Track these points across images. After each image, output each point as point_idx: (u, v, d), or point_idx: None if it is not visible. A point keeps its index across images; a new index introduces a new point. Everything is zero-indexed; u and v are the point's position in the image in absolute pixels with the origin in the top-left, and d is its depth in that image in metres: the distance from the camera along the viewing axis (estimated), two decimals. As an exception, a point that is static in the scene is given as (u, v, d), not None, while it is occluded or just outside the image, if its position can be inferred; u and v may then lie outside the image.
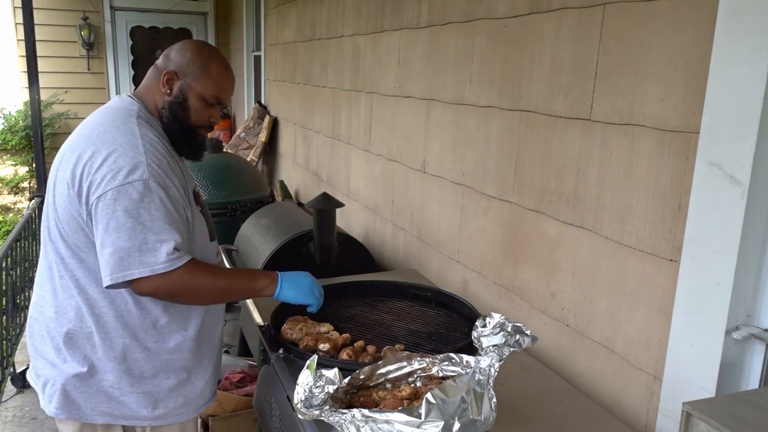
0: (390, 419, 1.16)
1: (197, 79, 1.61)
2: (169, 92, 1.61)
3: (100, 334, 1.54)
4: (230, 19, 7.97)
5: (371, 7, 3.41)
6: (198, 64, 1.62)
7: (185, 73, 1.61)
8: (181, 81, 1.61)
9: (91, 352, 1.55)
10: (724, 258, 1.41)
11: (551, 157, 2.00)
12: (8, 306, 3.56)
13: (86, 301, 1.54)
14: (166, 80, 1.61)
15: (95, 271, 1.51)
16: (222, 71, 1.65)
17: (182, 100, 1.61)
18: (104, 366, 1.55)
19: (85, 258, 1.52)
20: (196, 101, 1.62)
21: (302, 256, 2.75)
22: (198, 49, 1.65)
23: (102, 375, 1.56)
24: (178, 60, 1.63)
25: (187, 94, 1.61)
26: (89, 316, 1.54)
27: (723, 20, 1.40)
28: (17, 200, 7.94)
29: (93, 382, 1.56)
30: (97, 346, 1.55)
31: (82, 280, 1.53)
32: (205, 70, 1.62)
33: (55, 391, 1.56)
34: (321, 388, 1.23)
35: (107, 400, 1.57)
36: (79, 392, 1.56)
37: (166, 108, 1.62)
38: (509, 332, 1.35)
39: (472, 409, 1.21)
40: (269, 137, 5.80)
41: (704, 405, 1.09)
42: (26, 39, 4.45)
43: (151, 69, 1.68)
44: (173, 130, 1.63)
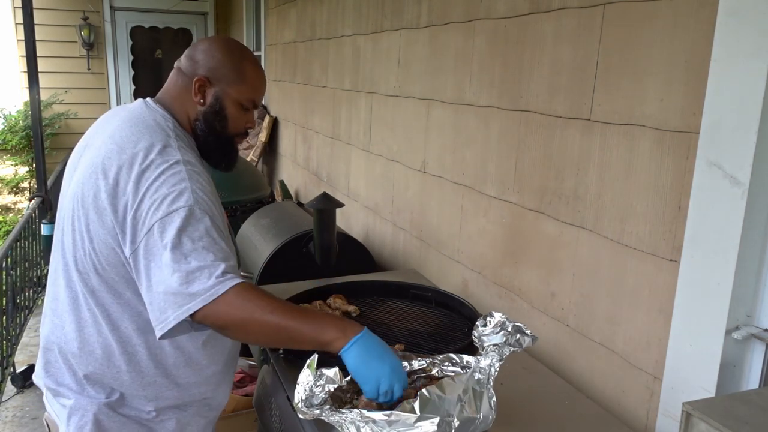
0: (390, 420, 1.16)
1: (231, 83, 1.46)
2: (202, 101, 1.46)
3: (131, 373, 1.43)
4: (230, 19, 7.97)
5: (371, 7, 3.41)
6: (230, 67, 1.47)
7: (218, 77, 1.46)
8: (214, 87, 1.46)
9: (118, 386, 1.45)
10: (724, 258, 1.41)
11: (551, 157, 2.00)
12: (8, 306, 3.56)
13: (118, 339, 1.41)
14: (198, 87, 1.46)
15: (131, 307, 1.39)
16: (256, 71, 1.51)
17: (219, 108, 1.47)
18: (133, 397, 1.46)
19: (123, 292, 1.39)
20: (233, 108, 1.48)
21: (302, 256, 2.75)
22: (228, 49, 1.49)
23: (133, 404, 1.46)
24: (207, 63, 1.47)
25: (223, 102, 1.46)
26: (120, 355, 1.42)
27: (723, 20, 1.40)
28: (17, 200, 7.95)
29: (125, 410, 1.46)
30: (126, 384, 1.44)
31: (115, 315, 1.40)
32: (239, 73, 1.47)
33: (86, 422, 1.43)
34: (321, 387, 1.23)
35: (138, 428, 1.48)
36: (112, 422, 1.44)
37: (200, 119, 1.47)
38: (510, 332, 1.35)
39: (470, 407, 1.21)
40: (269, 137, 5.80)
41: (704, 405, 1.09)
42: (26, 39, 4.45)
43: (174, 74, 1.52)
44: (209, 142, 1.49)
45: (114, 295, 1.39)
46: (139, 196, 1.31)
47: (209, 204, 1.35)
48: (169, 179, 1.32)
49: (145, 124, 1.42)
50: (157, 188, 1.31)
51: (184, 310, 1.24)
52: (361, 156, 3.63)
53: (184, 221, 1.28)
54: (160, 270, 1.27)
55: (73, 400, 1.45)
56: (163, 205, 1.29)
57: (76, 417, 1.44)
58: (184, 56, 1.51)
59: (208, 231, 1.30)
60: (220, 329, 1.32)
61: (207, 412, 1.59)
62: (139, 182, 1.32)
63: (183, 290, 1.25)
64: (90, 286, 1.40)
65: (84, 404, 1.44)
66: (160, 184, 1.31)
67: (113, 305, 1.40)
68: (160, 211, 1.29)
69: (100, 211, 1.35)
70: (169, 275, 1.26)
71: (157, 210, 1.29)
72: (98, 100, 7.79)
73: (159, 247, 1.27)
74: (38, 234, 4.50)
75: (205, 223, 1.31)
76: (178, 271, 1.25)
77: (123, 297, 1.39)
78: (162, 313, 1.26)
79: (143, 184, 1.32)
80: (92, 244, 1.37)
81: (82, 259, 1.40)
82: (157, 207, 1.29)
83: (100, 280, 1.39)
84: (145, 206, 1.30)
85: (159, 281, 1.27)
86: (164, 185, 1.31)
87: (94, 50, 7.71)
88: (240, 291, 1.27)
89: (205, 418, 1.60)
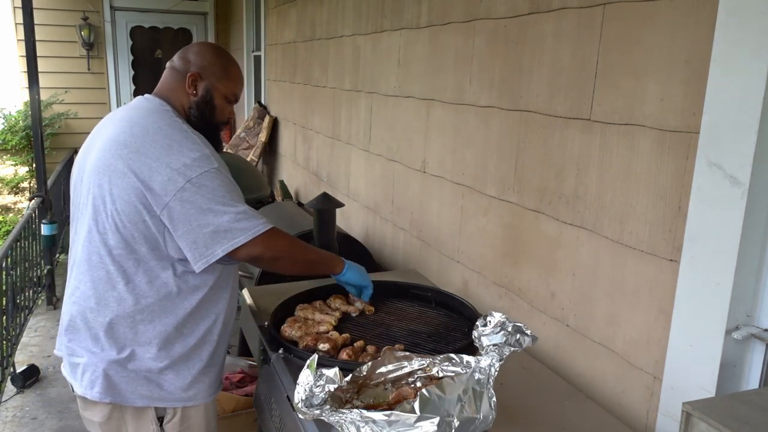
0: (390, 420, 1.16)
1: (220, 79, 1.74)
2: (195, 93, 1.72)
3: (144, 322, 1.60)
4: (230, 19, 7.97)
5: (371, 7, 3.41)
6: (219, 66, 1.74)
7: (208, 74, 1.72)
8: (205, 82, 1.72)
9: (132, 339, 1.60)
10: (724, 258, 1.41)
11: (551, 157, 2.00)
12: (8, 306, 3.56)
13: (132, 291, 1.59)
14: (191, 81, 1.71)
15: (144, 262, 1.58)
16: (238, 71, 1.82)
17: (209, 99, 1.73)
18: (144, 352, 1.61)
19: (138, 249, 1.57)
20: (220, 100, 1.75)
21: (302, 256, 2.74)
22: (216, 52, 1.78)
23: (141, 360, 1.61)
24: (199, 62, 1.73)
25: (212, 93, 1.73)
26: (134, 305, 1.59)
27: (723, 20, 1.40)
28: (17, 200, 7.95)
29: (133, 366, 1.61)
30: (139, 332, 1.60)
31: (130, 270, 1.59)
32: (226, 71, 1.76)
33: (97, 377, 1.60)
34: (321, 387, 1.23)
35: (146, 383, 1.62)
36: (120, 376, 1.61)
37: (193, 108, 1.73)
38: (509, 332, 1.35)
39: (470, 407, 1.21)
40: (269, 137, 5.80)
41: (704, 405, 1.09)
42: (26, 39, 4.45)
43: (168, 72, 1.76)
44: (201, 128, 1.72)
45: (130, 252, 1.58)
46: (165, 159, 1.53)
47: (223, 164, 1.63)
48: (192, 145, 1.57)
49: (149, 110, 1.67)
50: (182, 152, 1.55)
51: (234, 242, 1.54)
52: (361, 156, 3.63)
53: (217, 178, 1.55)
54: (204, 215, 1.52)
55: (85, 358, 1.62)
56: (194, 167, 1.53)
57: (89, 372, 1.61)
58: (177, 57, 1.77)
59: (234, 184, 1.61)
60: (270, 259, 1.65)
61: (209, 369, 1.72)
62: (162, 147, 1.55)
63: (234, 226, 1.54)
64: (108, 246, 1.58)
65: (95, 361, 1.61)
66: (186, 149, 1.56)
67: (129, 261, 1.58)
68: (193, 170, 1.53)
69: (123, 175, 1.54)
70: (217, 217, 1.53)
71: (187, 169, 1.52)
72: (98, 100, 7.79)
73: (200, 198, 1.52)
74: (38, 234, 4.49)
75: (229, 179, 1.61)
76: (227, 213, 1.54)
77: (138, 253, 1.58)
78: (208, 248, 1.54)
79: (166, 149, 1.55)
80: (115, 205, 1.56)
81: (103, 221, 1.58)
82: (186, 168, 1.52)
83: (120, 238, 1.57)
84: (175, 165, 1.52)
85: (206, 223, 1.53)
86: (189, 150, 1.56)
87: (94, 50, 7.70)
88: (275, 231, 1.64)
89: (208, 376, 1.72)
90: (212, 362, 1.72)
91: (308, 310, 1.95)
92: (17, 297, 3.77)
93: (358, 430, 1.17)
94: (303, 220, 3.08)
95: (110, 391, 1.61)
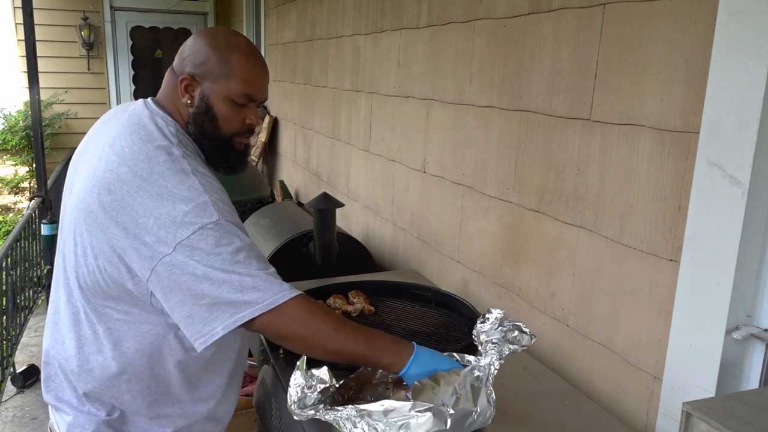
0: (385, 409, 1.16)
1: (217, 79, 1.34)
2: (190, 102, 1.36)
3: (132, 392, 1.38)
4: (230, 19, 7.97)
5: (371, 7, 3.41)
6: (215, 61, 1.33)
7: (203, 74, 1.34)
8: (201, 86, 1.35)
9: (119, 404, 1.39)
10: (724, 258, 1.41)
11: (551, 157, 2.00)
12: (8, 306, 3.56)
13: (119, 358, 1.34)
14: (184, 88, 1.35)
15: (137, 325, 1.33)
16: (248, 62, 1.36)
17: (206, 108, 1.35)
18: (134, 415, 1.41)
19: (130, 310, 1.32)
20: (223, 106, 1.35)
21: (302, 256, 2.74)
22: (213, 41, 1.35)
23: (134, 422, 1.41)
24: (192, 59, 1.35)
25: (210, 101, 1.35)
26: (120, 375, 1.36)
27: (723, 20, 1.40)
28: (17, 200, 7.95)
29: (125, 428, 1.41)
30: (126, 402, 1.39)
31: (117, 333, 1.34)
32: (226, 66, 1.34)
33: None
34: (313, 388, 1.23)
35: None
36: None
37: (191, 121, 1.37)
38: (508, 328, 1.34)
39: (466, 400, 1.21)
40: (269, 137, 5.80)
41: (704, 405, 1.09)
42: (26, 39, 4.45)
43: (167, 72, 1.42)
44: (204, 145, 1.39)
45: (120, 312, 1.33)
46: (154, 212, 1.22)
47: (232, 213, 1.28)
48: (185, 193, 1.24)
49: (146, 131, 1.32)
50: (173, 203, 1.22)
51: (237, 318, 1.22)
52: (361, 156, 3.62)
53: (214, 236, 1.22)
54: (199, 283, 1.21)
55: (72, 417, 1.40)
56: (187, 221, 1.21)
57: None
58: (177, 53, 1.41)
59: (242, 240, 1.25)
60: (279, 339, 1.32)
61: (213, 427, 1.54)
62: (150, 197, 1.23)
63: (237, 299, 1.21)
64: (93, 303, 1.34)
65: (83, 421, 1.38)
66: (178, 199, 1.23)
67: (118, 323, 1.34)
68: (185, 229, 1.21)
69: (105, 229, 1.26)
70: (214, 287, 1.20)
71: (180, 228, 1.21)
72: (98, 100, 7.79)
73: (193, 263, 1.21)
74: (38, 234, 4.50)
75: (236, 234, 1.25)
76: (227, 282, 1.21)
77: (131, 314, 1.33)
78: (206, 325, 1.22)
79: (155, 200, 1.23)
80: (96, 261, 1.29)
81: (84, 275, 1.32)
82: (180, 224, 1.21)
83: (105, 297, 1.32)
84: (164, 222, 1.21)
85: (201, 294, 1.21)
86: (181, 202, 1.23)
87: (94, 50, 7.70)
88: (302, 303, 1.26)
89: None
90: (218, 419, 1.54)
91: (308, 310, 1.94)
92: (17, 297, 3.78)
93: (354, 425, 1.17)
94: (303, 220, 3.08)
95: None
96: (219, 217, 1.23)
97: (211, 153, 1.41)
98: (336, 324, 1.30)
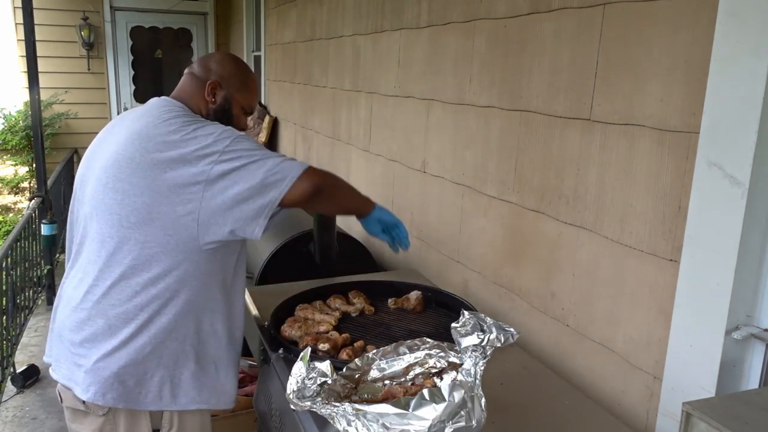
0: (382, 412, 1.16)
1: (239, 90, 1.76)
2: (213, 100, 1.73)
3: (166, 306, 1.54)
4: (230, 19, 7.97)
5: (371, 7, 3.41)
6: (239, 77, 1.77)
7: (228, 84, 1.74)
8: (224, 91, 1.74)
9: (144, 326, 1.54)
10: (724, 258, 1.41)
11: (551, 157, 2.00)
12: (8, 306, 3.56)
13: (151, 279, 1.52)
14: (210, 89, 1.72)
15: (169, 249, 1.51)
16: (255, 85, 1.85)
17: (228, 108, 1.75)
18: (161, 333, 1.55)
19: (168, 241, 1.50)
20: (238, 110, 1.77)
21: (302, 256, 2.74)
22: (237, 64, 1.81)
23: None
24: (220, 71, 1.75)
25: (231, 103, 1.75)
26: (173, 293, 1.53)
27: (723, 20, 1.40)
28: (17, 200, 7.95)
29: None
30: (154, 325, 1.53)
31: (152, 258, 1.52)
32: (245, 83, 1.78)
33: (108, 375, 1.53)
34: (313, 379, 1.25)
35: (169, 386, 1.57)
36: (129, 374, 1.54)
37: (211, 115, 1.72)
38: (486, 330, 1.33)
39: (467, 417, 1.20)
40: (269, 137, 5.80)
41: (704, 405, 1.09)
42: (26, 39, 4.45)
43: (187, 77, 1.76)
44: None
45: (158, 244, 1.51)
46: (192, 138, 1.50)
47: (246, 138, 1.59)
48: (211, 127, 1.56)
49: (166, 108, 1.63)
50: (206, 132, 1.52)
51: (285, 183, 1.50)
52: (361, 156, 3.63)
53: (245, 140, 1.54)
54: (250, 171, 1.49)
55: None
56: (221, 140, 1.51)
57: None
58: (198, 64, 1.77)
59: (261, 146, 1.58)
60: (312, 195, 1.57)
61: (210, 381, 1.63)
62: (187, 131, 1.52)
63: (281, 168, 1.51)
64: (135, 237, 1.51)
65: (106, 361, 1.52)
66: (209, 126, 1.55)
67: (155, 250, 1.51)
68: (220, 144, 1.50)
69: (153, 165, 1.49)
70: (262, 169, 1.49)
71: (216, 143, 1.50)
72: (98, 100, 7.78)
73: (238, 163, 1.49)
74: (38, 234, 4.49)
75: (255, 142, 1.59)
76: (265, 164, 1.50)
77: (168, 245, 1.51)
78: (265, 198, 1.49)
79: (190, 132, 1.52)
80: (143, 197, 1.49)
81: (128, 214, 1.50)
82: (214, 141, 1.50)
83: (149, 226, 1.50)
84: (203, 142, 1.50)
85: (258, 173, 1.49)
86: (209, 126, 1.55)
87: (94, 50, 7.70)
88: (314, 168, 1.60)
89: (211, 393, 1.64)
90: (217, 372, 1.65)
91: (308, 310, 1.95)
92: (17, 297, 3.78)
93: (349, 423, 1.17)
94: (303, 220, 3.08)
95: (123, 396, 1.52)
96: (240, 135, 1.56)
97: None
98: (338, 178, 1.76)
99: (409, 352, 1.45)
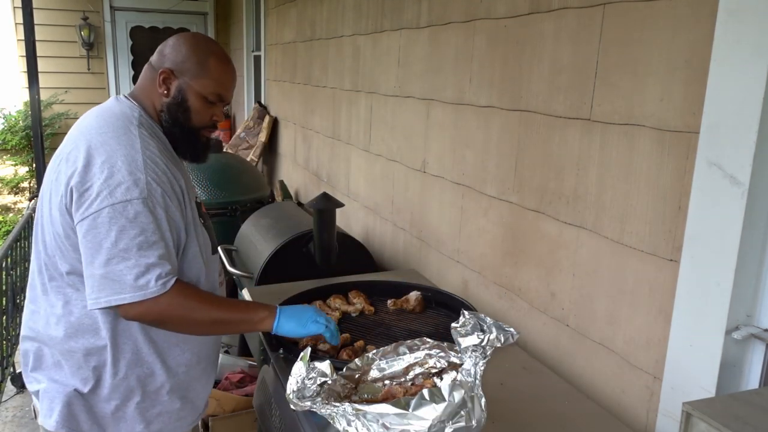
0: (382, 412, 1.15)
1: (195, 77, 1.50)
2: (166, 93, 1.51)
3: (111, 348, 1.48)
4: (230, 19, 7.97)
5: (371, 7, 3.41)
6: (195, 61, 1.50)
7: (182, 70, 1.50)
8: (178, 80, 1.51)
9: (97, 366, 1.50)
10: (724, 258, 1.41)
11: (551, 157, 2.00)
12: (8, 306, 3.56)
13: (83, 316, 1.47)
14: (162, 80, 1.51)
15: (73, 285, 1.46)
16: (221, 66, 1.54)
17: (181, 100, 1.51)
18: (109, 382, 1.51)
19: (79, 268, 1.44)
20: (196, 101, 1.52)
21: (302, 256, 2.74)
22: (194, 44, 1.53)
23: (104, 393, 1.51)
24: (173, 57, 1.51)
25: (186, 94, 1.51)
26: (96, 327, 1.47)
27: (723, 20, 1.40)
28: (17, 200, 7.95)
29: (95, 399, 1.52)
30: (103, 363, 1.49)
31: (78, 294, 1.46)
32: (203, 67, 1.51)
33: (57, 405, 1.50)
34: (313, 379, 1.25)
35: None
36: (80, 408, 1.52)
37: (164, 110, 1.52)
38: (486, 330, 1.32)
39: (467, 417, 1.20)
40: (269, 137, 5.80)
41: (704, 405, 1.09)
42: (26, 39, 4.46)
43: (145, 67, 1.57)
44: (174, 133, 1.54)
45: (73, 274, 1.45)
46: (92, 179, 1.37)
47: (162, 196, 1.41)
48: (126, 167, 1.38)
49: (111, 113, 1.50)
50: (112, 174, 1.37)
51: (119, 298, 1.35)
52: (361, 156, 3.62)
53: (136, 214, 1.36)
54: (99, 253, 1.35)
55: (45, 384, 1.52)
56: (117, 192, 1.35)
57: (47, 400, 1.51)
58: (156, 51, 1.56)
59: (158, 224, 1.39)
60: (159, 324, 1.45)
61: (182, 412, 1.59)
62: (95, 164, 1.38)
63: (126, 280, 1.35)
64: (59, 271, 1.46)
65: (56, 389, 1.50)
66: (116, 171, 1.37)
67: (75, 283, 1.45)
68: (113, 197, 1.35)
69: (63, 196, 1.41)
70: (116, 263, 1.34)
71: (110, 195, 1.35)
72: (98, 100, 7.69)
73: (104, 231, 1.35)
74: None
75: (156, 214, 1.39)
76: (126, 260, 1.35)
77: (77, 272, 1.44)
78: (97, 292, 1.36)
79: (98, 168, 1.37)
80: (53, 228, 1.44)
81: (50, 243, 1.46)
82: (110, 193, 1.35)
83: (66, 260, 1.44)
84: (96, 188, 1.36)
85: (99, 263, 1.35)
86: (119, 173, 1.37)
87: (94, 50, 7.70)
88: (181, 289, 1.41)
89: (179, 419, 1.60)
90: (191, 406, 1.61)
91: (308, 310, 1.94)
92: (17, 297, 3.77)
93: (349, 423, 1.17)
94: (303, 220, 3.08)
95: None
96: (147, 196, 1.38)
97: (180, 141, 1.56)
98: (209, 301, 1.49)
99: (409, 352, 1.45)
